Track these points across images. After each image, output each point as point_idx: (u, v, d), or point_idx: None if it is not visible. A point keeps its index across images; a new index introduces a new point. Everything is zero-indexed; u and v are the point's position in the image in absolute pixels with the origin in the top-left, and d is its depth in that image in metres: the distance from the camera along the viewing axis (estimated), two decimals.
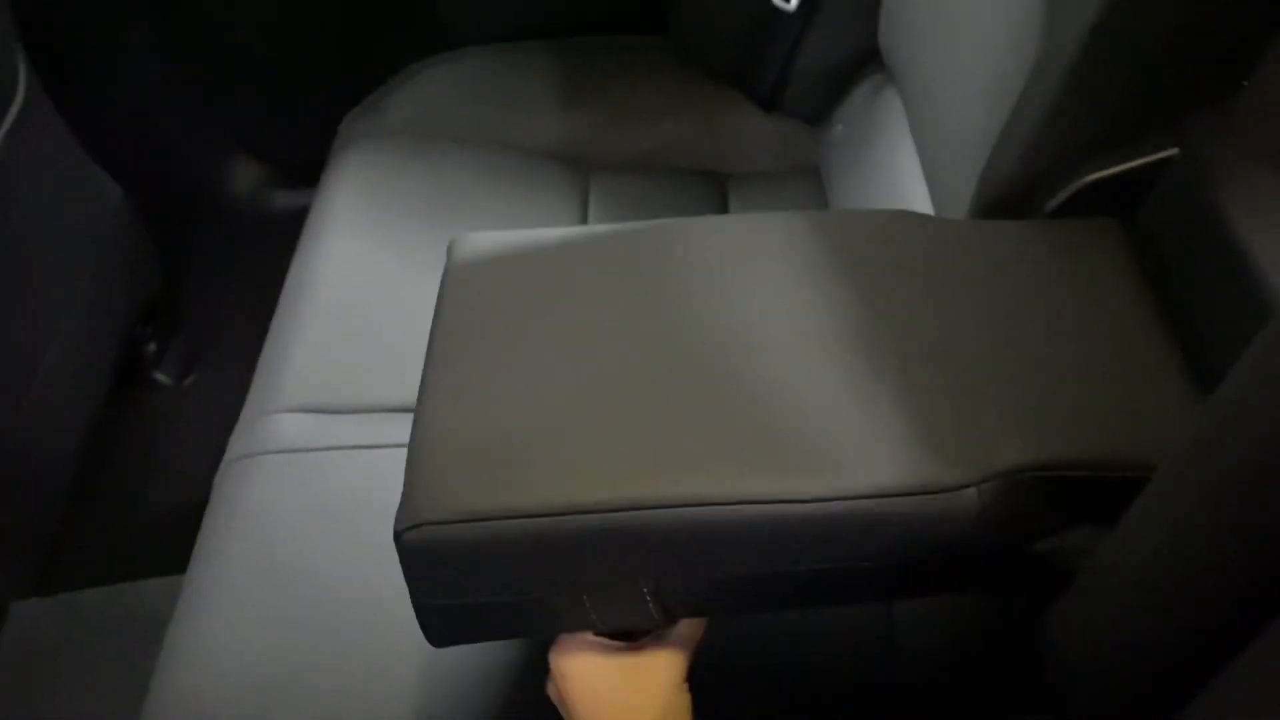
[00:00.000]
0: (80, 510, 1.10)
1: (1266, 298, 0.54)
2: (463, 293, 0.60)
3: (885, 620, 0.69)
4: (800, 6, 1.00)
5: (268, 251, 1.23)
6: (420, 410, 0.54)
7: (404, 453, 0.53)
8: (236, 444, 0.83)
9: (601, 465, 0.51)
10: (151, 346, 1.32)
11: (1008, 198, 0.67)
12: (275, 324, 0.94)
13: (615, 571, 0.51)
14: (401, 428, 0.74)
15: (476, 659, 0.68)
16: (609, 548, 0.50)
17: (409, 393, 0.83)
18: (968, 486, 0.50)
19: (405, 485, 0.51)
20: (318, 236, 0.99)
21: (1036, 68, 0.65)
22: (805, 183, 1.09)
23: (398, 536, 0.50)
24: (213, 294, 1.39)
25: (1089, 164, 0.64)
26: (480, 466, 0.51)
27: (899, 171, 0.92)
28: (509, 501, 0.49)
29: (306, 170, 1.26)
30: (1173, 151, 0.61)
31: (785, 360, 0.55)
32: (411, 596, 0.52)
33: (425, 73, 1.15)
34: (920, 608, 0.68)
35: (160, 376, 1.33)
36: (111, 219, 1.20)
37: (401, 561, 0.51)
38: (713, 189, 1.08)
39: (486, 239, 0.63)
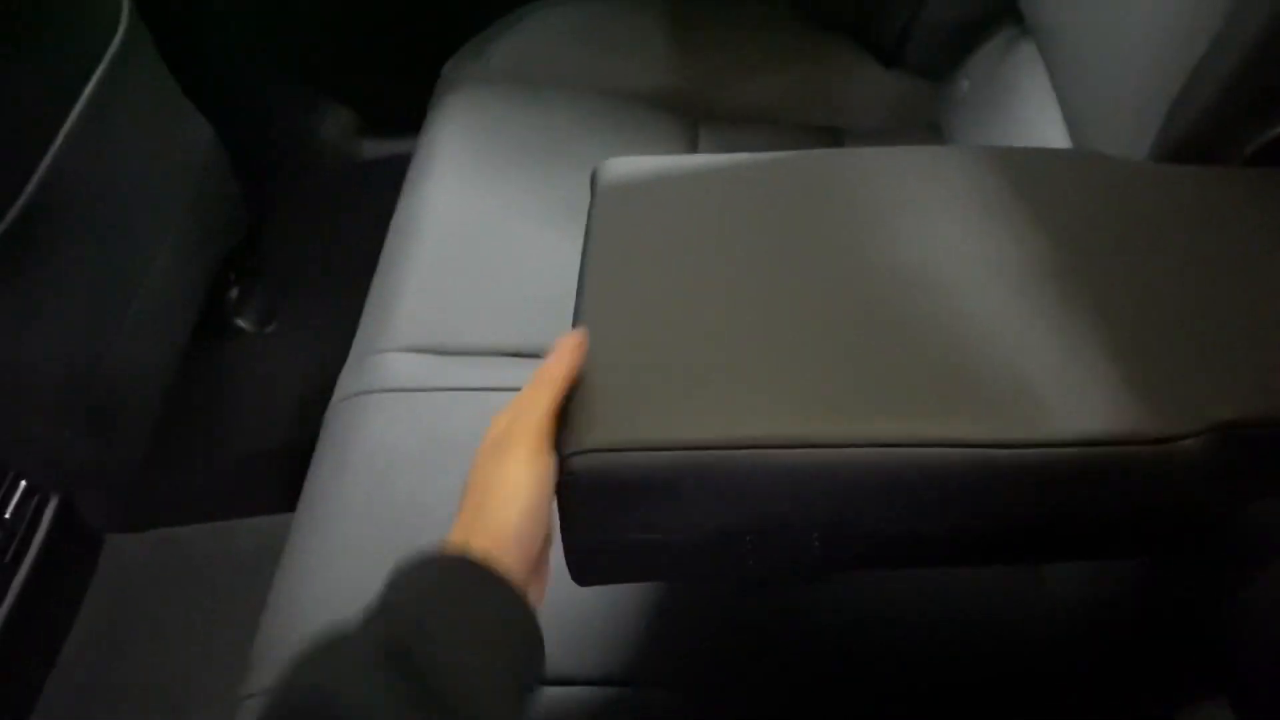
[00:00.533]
0: (165, 453, 1.09)
1: None
2: (615, 217, 0.57)
3: (1035, 583, 0.65)
4: None
5: (353, 201, 1.22)
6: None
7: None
8: (347, 381, 0.81)
9: (787, 399, 0.47)
10: (234, 293, 1.31)
11: (1193, 147, 0.63)
12: (383, 264, 0.92)
13: (791, 514, 0.48)
14: (515, 372, 0.72)
15: (598, 599, 0.64)
16: (792, 487, 0.47)
17: (521, 337, 0.82)
18: (1183, 438, 0.46)
19: (571, 409, 0.48)
20: (424, 179, 0.96)
21: (1234, 12, 0.60)
22: (925, 141, 1.04)
23: (563, 462, 0.47)
24: (296, 243, 1.37)
25: None
26: (655, 393, 0.48)
27: (1036, 128, 0.87)
28: (688, 431, 0.46)
29: (396, 119, 1.24)
30: None
31: (974, 298, 0.51)
32: (563, 530, 0.49)
33: (531, 17, 1.12)
34: (1078, 575, 0.64)
35: (242, 323, 1.31)
36: (203, 160, 1.18)
37: (562, 491, 0.48)
38: (826, 146, 1.04)
39: (636, 163, 0.59)
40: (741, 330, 0.50)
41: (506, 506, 0.45)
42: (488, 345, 0.80)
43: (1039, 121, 0.87)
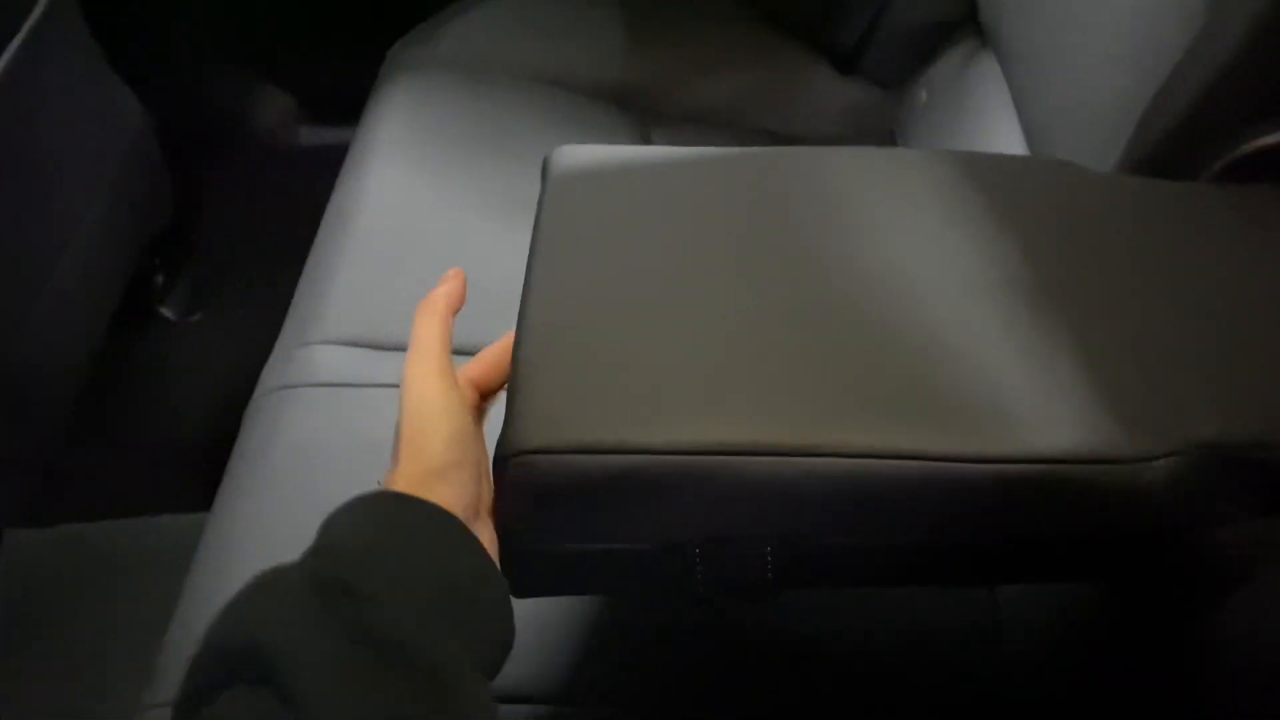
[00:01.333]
0: (75, 444, 1.03)
1: None
2: (567, 207, 0.53)
3: (990, 611, 0.63)
4: None
5: (289, 190, 1.17)
6: (524, 328, 0.48)
7: None
8: (272, 374, 0.76)
9: (742, 404, 0.44)
10: (159, 279, 1.26)
11: (1157, 165, 0.61)
12: (314, 254, 0.87)
13: (741, 525, 0.45)
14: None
15: (540, 612, 0.61)
16: (746, 496, 0.44)
17: (459, 333, 0.78)
18: (1157, 458, 0.43)
19: (510, 408, 0.45)
20: (363, 165, 0.92)
21: (1204, 31, 0.59)
22: None
23: (500, 464, 0.43)
24: (227, 231, 1.32)
25: (1253, 130, 0.59)
26: (601, 394, 0.45)
27: (994, 141, 0.86)
28: (637, 434, 0.43)
29: (337, 107, 1.20)
30: None
31: (940, 306, 0.48)
32: (501, 538, 0.46)
33: (484, 3, 1.08)
34: (1031, 599, 0.62)
35: (165, 311, 1.26)
36: (130, 139, 1.13)
37: (500, 495, 0.44)
38: None
39: (590, 151, 0.56)
40: (696, 331, 0.47)
41: (429, 441, 0.44)
42: None
43: (997, 134, 0.86)
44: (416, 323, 0.49)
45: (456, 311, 0.51)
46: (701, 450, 0.43)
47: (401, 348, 0.75)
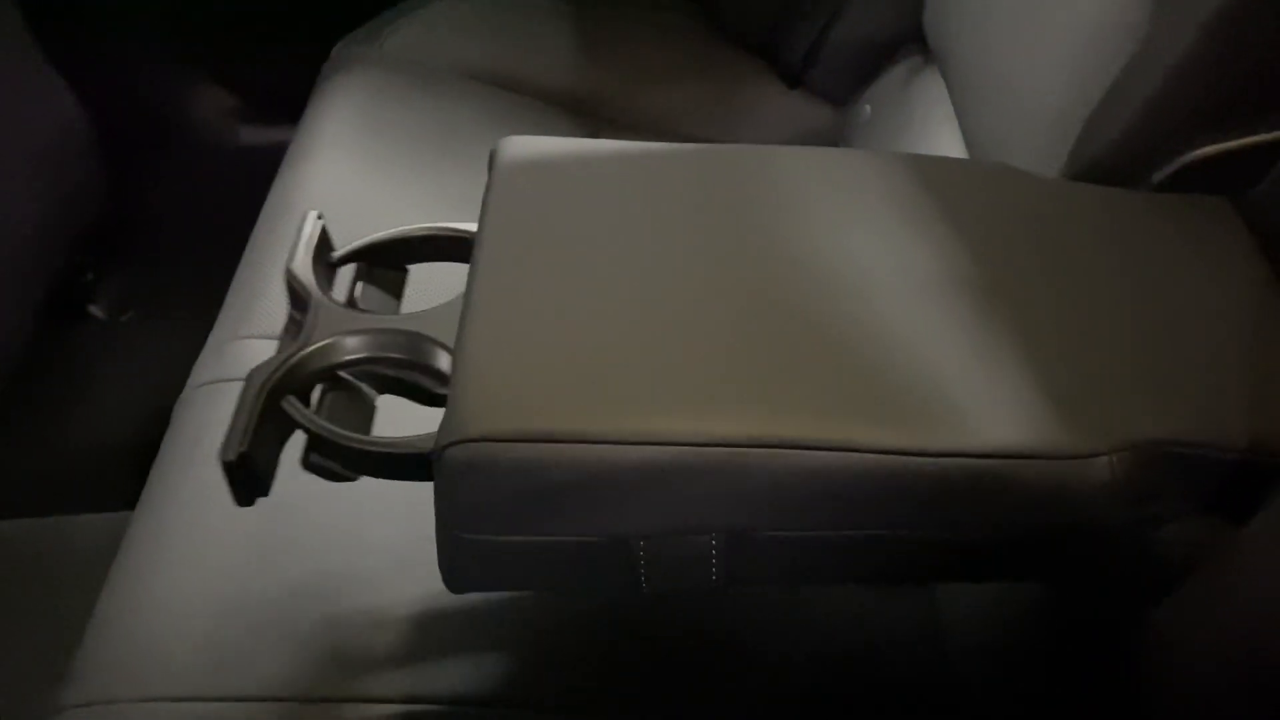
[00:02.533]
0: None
1: None
2: (514, 197, 0.53)
3: (929, 610, 0.63)
4: None
5: (227, 189, 1.14)
6: (466, 318, 0.47)
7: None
8: (203, 369, 0.74)
9: (689, 395, 0.44)
10: (89, 277, 1.22)
11: (1102, 175, 0.62)
12: (250, 250, 0.85)
13: (687, 518, 0.44)
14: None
15: (469, 614, 0.60)
16: (685, 488, 0.43)
17: None
18: (1098, 455, 0.44)
19: (451, 396, 0.44)
20: (303, 161, 0.91)
21: (1145, 45, 0.60)
22: None
23: (439, 453, 0.42)
24: (161, 230, 1.28)
25: (1198, 139, 0.60)
26: (542, 381, 0.44)
27: (936, 153, 0.87)
28: (577, 422, 0.42)
29: (278, 105, 1.18)
30: None
31: (888, 303, 0.48)
32: (439, 528, 0.45)
33: (428, 8, 1.07)
34: (974, 598, 0.62)
35: (95, 310, 1.22)
36: (62, 131, 1.10)
37: (438, 484, 0.43)
38: None
39: (538, 143, 0.56)
40: (644, 322, 0.47)
41: None
42: None
43: (941, 149, 0.87)
44: None
45: None
46: (648, 441, 0.42)
47: None
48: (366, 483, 0.50)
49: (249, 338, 0.75)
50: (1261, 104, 0.58)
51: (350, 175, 0.89)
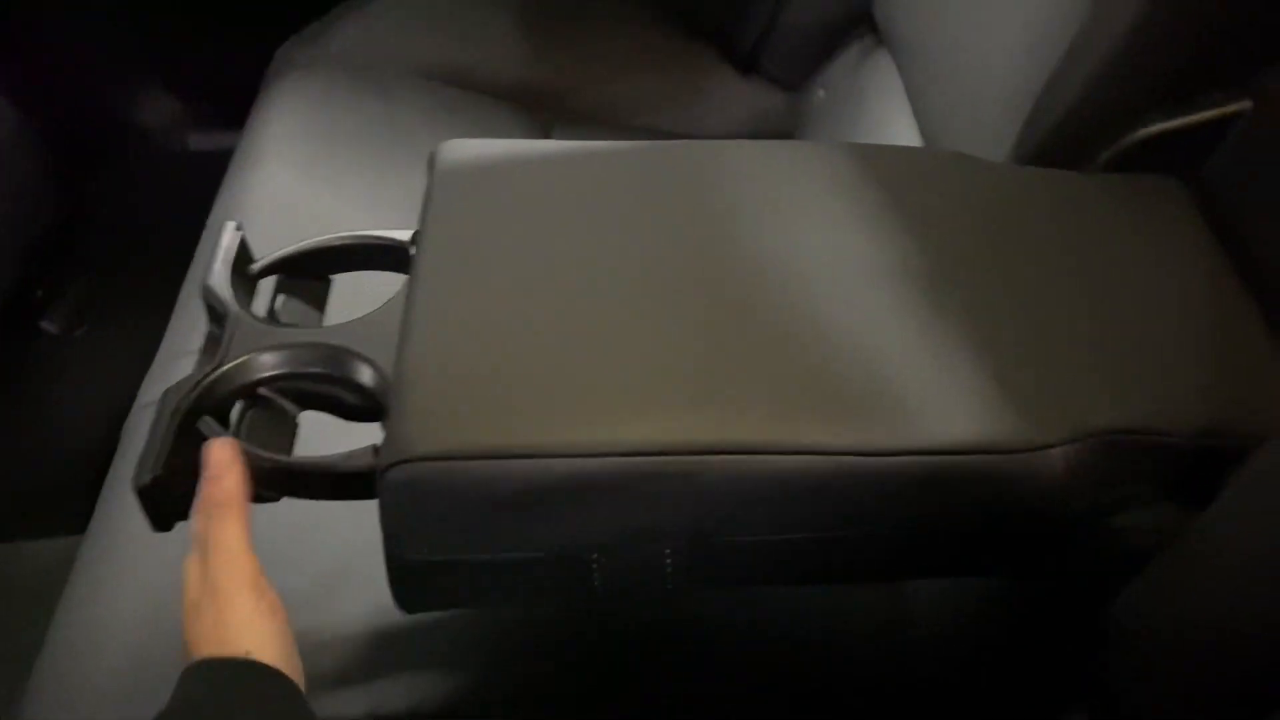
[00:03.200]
0: None
1: None
2: (455, 203, 0.52)
3: (898, 601, 0.63)
4: None
5: (178, 195, 1.12)
6: (407, 331, 0.46)
7: None
8: (152, 388, 0.72)
9: (634, 402, 0.43)
10: (39, 292, 1.19)
11: (1052, 153, 0.62)
12: (196, 262, 0.84)
13: (640, 528, 0.44)
14: None
15: (417, 625, 0.58)
16: (640, 498, 0.42)
17: None
18: (1052, 446, 0.44)
19: (391, 416, 0.43)
20: (249, 167, 0.89)
21: (1091, 22, 0.60)
22: None
23: (381, 474, 0.41)
24: (113, 240, 1.26)
25: (1146, 117, 0.59)
26: (489, 395, 0.43)
27: (890, 135, 0.86)
28: (527, 436, 0.41)
29: (227, 110, 1.15)
30: (1244, 105, 0.56)
31: (839, 298, 0.48)
32: (386, 548, 0.44)
33: (373, 6, 1.05)
34: (938, 588, 0.61)
35: (47, 325, 1.19)
36: (4, 142, 1.08)
37: (382, 505, 0.42)
38: None
39: (479, 145, 0.55)
40: (593, 329, 0.46)
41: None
42: None
43: (893, 130, 0.86)
44: (212, 526, 0.43)
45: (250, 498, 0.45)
46: (600, 452, 0.42)
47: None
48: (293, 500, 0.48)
49: (196, 354, 0.73)
50: (1204, 80, 0.58)
51: (296, 182, 0.87)
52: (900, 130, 0.85)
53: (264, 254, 0.79)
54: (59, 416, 1.09)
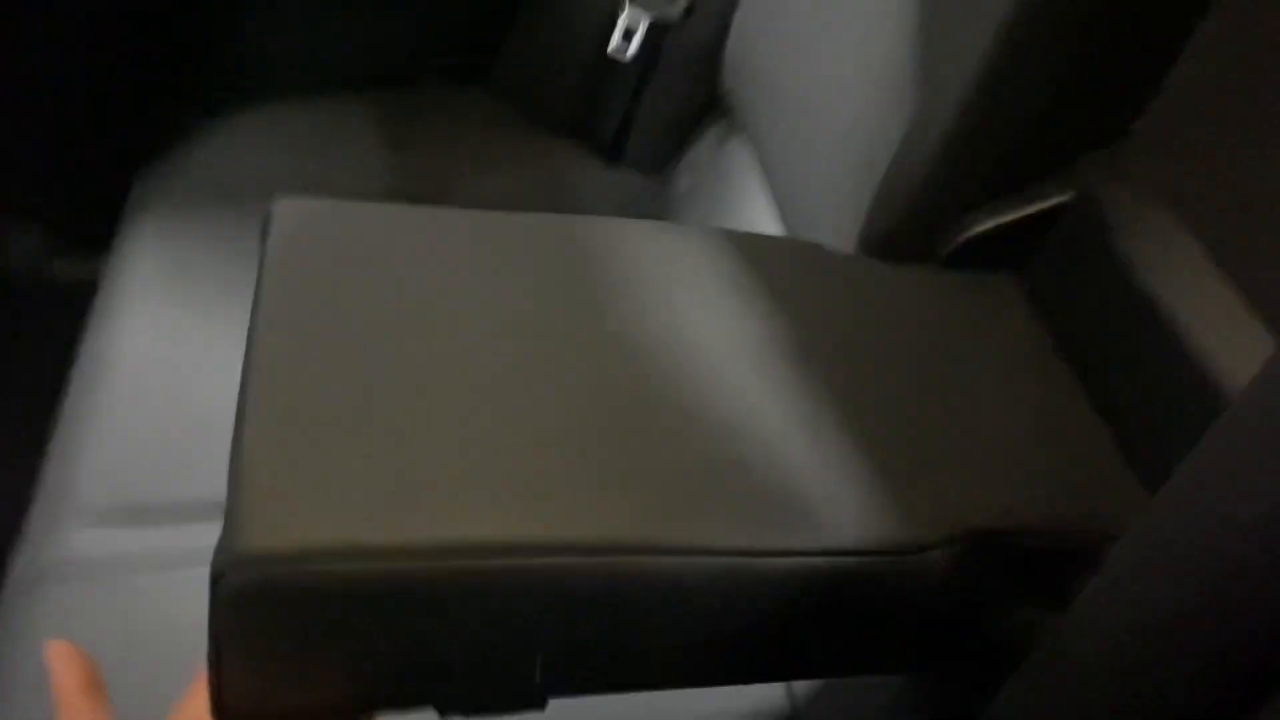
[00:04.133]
0: None
1: (1175, 346, 0.51)
2: (293, 273, 0.47)
3: (783, 698, 0.63)
4: (637, 57, 0.96)
5: (47, 331, 1.09)
6: (244, 417, 0.42)
7: None
8: (21, 565, 0.70)
9: (505, 498, 0.40)
10: None
11: (892, 246, 0.64)
12: (66, 414, 0.81)
13: (509, 635, 0.41)
14: None
15: None
16: (512, 602, 0.40)
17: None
18: (935, 547, 0.44)
19: (228, 514, 0.38)
20: (113, 309, 0.87)
21: (919, 115, 0.62)
22: None
23: (216, 581, 0.37)
24: None
25: (979, 213, 0.61)
26: (332, 492, 0.39)
27: (753, 222, 0.88)
28: (377, 534, 0.38)
29: (93, 236, 1.13)
30: (1067, 196, 0.59)
31: (712, 387, 0.46)
32: (215, 664, 0.39)
33: (234, 120, 1.04)
34: (823, 683, 0.62)
35: None
36: None
37: (215, 616, 0.37)
38: None
39: (321, 207, 0.50)
40: (450, 416, 0.42)
41: None
42: (191, 499, 0.72)
43: (755, 214, 0.88)
44: None
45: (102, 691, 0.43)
46: (454, 551, 0.38)
47: (166, 511, 0.70)
48: None
49: (70, 522, 0.71)
50: (1023, 177, 0.60)
51: (164, 320, 0.85)
52: (761, 219, 0.87)
53: (136, 398, 0.77)
54: None
